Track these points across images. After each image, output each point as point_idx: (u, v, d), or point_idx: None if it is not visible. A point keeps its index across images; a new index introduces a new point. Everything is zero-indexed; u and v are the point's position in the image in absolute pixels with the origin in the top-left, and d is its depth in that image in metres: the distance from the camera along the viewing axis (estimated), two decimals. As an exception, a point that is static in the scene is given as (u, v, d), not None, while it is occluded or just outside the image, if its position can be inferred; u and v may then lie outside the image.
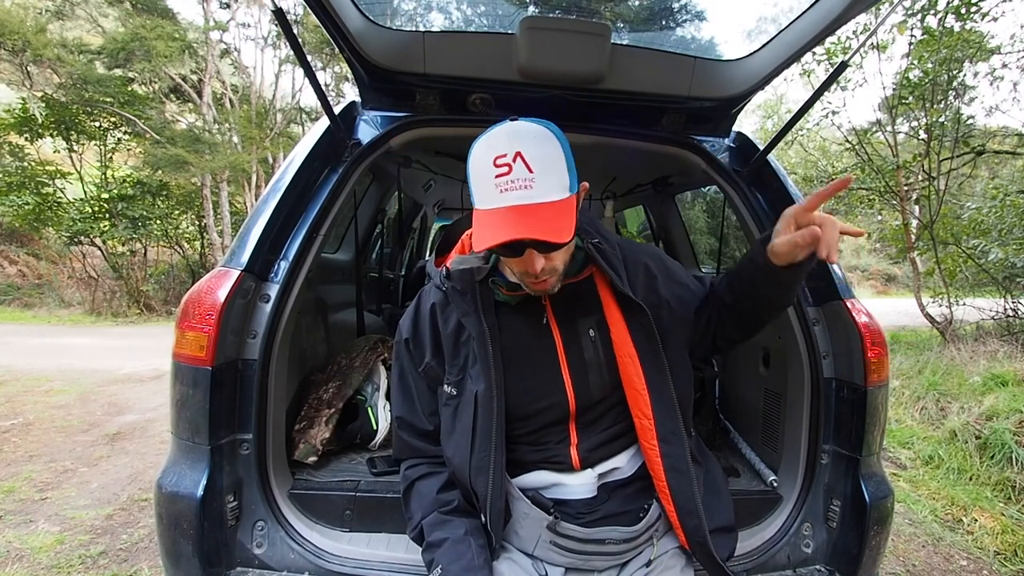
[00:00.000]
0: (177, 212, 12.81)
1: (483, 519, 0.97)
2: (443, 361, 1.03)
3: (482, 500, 0.96)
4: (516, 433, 1.00)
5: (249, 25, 14.77)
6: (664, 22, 1.80)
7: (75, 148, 11.19)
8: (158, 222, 11.78)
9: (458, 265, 1.02)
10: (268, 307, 1.34)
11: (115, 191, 11.27)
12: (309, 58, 1.75)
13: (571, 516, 0.98)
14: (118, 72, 11.71)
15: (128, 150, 12.79)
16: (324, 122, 1.55)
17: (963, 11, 5.52)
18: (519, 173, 0.81)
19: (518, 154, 0.81)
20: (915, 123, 6.83)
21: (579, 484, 1.00)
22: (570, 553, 0.98)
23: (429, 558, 0.96)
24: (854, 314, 1.43)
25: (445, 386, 1.02)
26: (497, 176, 0.82)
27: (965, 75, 6.18)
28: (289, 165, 1.48)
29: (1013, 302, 5.83)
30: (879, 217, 8.90)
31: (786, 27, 1.41)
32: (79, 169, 11.28)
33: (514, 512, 1.00)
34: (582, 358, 1.00)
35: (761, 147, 1.70)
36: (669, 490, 0.96)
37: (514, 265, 0.91)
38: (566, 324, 1.01)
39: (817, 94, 1.47)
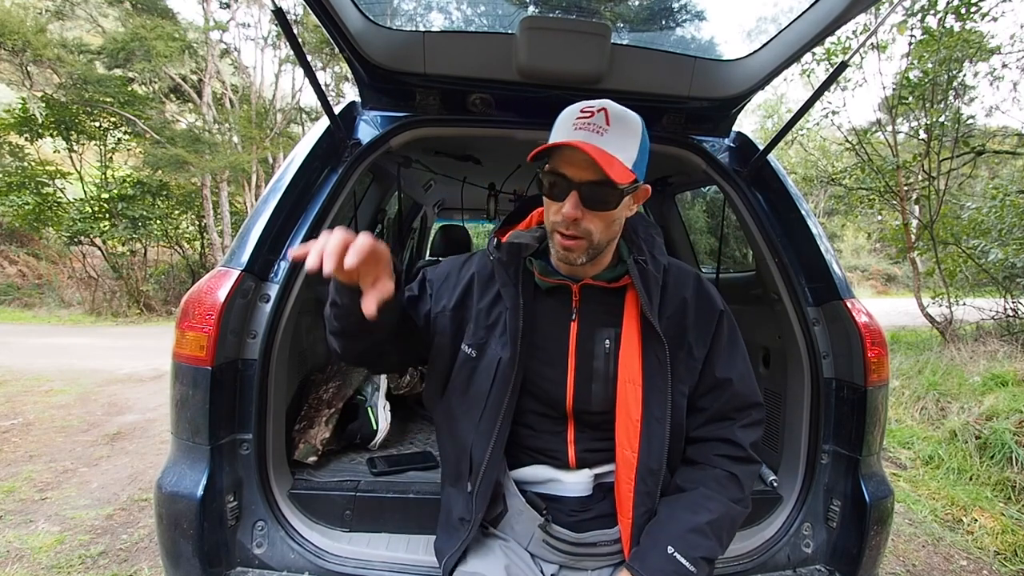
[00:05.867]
0: (177, 212, 12.80)
1: (470, 488, 0.98)
2: (458, 322, 1.03)
3: (476, 467, 0.96)
4: (521, 410, 1.00)
5: (249, 25, 14.80)
6: (664, 22, 1.80)
7: (75, 148, 11.19)
8: (158, 222, 11.77)
9: (512, 239, 1.03)
10: (268, 307, 1.33)
11: (115, 191, 11.27)
12: (309, 58, 1.74)
13: (564, 514, 0.99)
14: (118, 72, 11.71)
15: (128, 150, 12.79)
16: (324, 122, 1.54)
17: (963, 11, 5.52)
18: (597, 121, 0.85)
19: (604, 109, 0.86)
20: (915, 123, 6.83)
21: (575, 482, 1.00)
22: (562, 553, 0.99)
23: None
24: (854, 314, 1.43)
25: (465, 347, 1.02)
26: (577, 118, 0.86)
27: (965, 75, 6.18)
28: (289, 165, 1.48)
29: (1013, 302, 5.83)
30: (879, 217, 8.91)
31: (786, 27, 1.41)
32: (79, 169, 11.27)
33: (510, 508, 1.02)
34: (591, 366, 0.97)
35: (761, 147, 1.70)
36: (632, 527, 0.93)
37: (552, 210, 0.90)
38: (586, 326, 0.99)
39: (817, 94, 1.47)
